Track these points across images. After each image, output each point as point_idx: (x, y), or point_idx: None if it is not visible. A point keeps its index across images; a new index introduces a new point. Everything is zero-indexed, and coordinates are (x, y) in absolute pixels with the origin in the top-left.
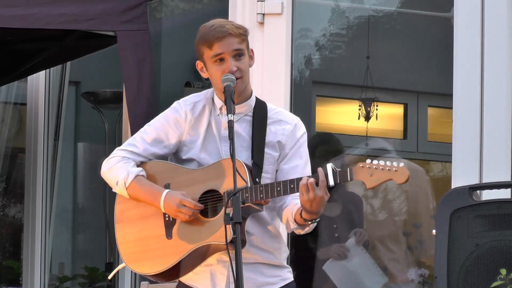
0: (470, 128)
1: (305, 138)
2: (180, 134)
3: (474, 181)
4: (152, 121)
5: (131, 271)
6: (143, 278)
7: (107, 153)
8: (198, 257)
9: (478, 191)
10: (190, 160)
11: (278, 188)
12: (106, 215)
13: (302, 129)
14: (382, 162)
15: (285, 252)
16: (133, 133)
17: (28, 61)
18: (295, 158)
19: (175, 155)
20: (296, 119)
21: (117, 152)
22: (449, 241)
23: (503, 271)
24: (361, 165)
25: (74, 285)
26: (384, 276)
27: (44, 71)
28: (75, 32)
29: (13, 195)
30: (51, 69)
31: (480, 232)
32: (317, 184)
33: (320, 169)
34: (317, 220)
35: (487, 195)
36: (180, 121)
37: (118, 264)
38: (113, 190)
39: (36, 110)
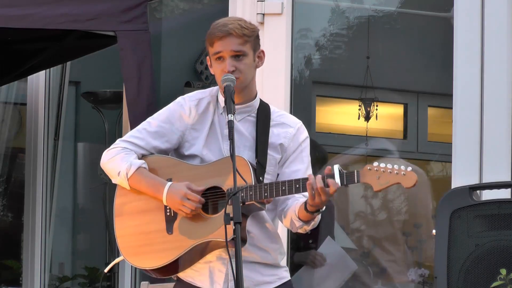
0: (470, 128)
1: (307, 142)
2: (183, 129)
3: (474, 181)
4: (155, 115)
5: (131, 271)
6: (143, 277)
7: None
8: (197, 253)
9: (478, 191)
10: (192, 156)
11: (283, 188)
12: (106, 215)
13: (304, 133)
14: (389, 165)
15: (282, 253)
16: None
17: (28, 61)
18: (296, 162)
19: (177, 151)
20: (298, 123)
21: (119, 143)
22: (449, 241)
23: (503, 271)
24: (368, 168)
25: (74, 285)
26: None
27: (44, 71)
28: (75, 32)
29: (13, 195)
30: (51, 69)
31: (480, 232)
32: (326, 186)
33: (328, 168)
34: (322, 210)
35: (487, 195)
36: (184, 117)
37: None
38: (113, 180)
39: (36, 110)
